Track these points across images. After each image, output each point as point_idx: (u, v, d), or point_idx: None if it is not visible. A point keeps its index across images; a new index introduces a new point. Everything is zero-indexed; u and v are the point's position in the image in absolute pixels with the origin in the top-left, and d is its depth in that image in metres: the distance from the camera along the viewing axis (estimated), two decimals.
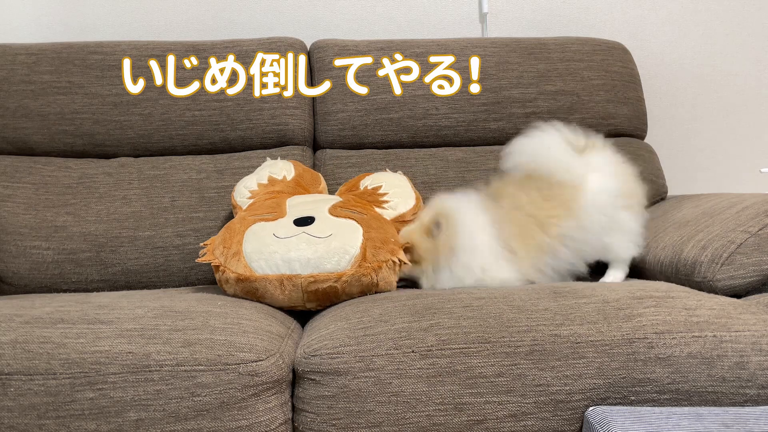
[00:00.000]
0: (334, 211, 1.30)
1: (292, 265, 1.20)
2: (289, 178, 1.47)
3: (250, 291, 1.22)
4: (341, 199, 1.38)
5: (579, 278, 1.32)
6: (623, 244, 1.32)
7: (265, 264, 1.21)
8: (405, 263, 1.25)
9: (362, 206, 1.35)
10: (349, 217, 1.28)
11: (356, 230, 1.25)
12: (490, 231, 1.25)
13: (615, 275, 1.34)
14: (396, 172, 1.54)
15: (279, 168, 1.49)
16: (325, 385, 0.97)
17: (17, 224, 1.49)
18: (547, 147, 1.32)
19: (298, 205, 1.34)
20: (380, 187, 1.43)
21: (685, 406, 0.97)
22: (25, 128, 1.60)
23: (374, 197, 1.42)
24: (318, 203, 1.34)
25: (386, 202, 1.40)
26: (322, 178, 1.55)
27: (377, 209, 1.38)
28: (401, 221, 1.38)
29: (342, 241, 1.22)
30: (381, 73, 1.66)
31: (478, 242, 1.25)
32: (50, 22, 1.84)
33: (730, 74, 2.01)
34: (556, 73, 1.70)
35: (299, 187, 1.46)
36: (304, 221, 1.27)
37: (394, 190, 1.44)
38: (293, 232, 1.24)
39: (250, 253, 1.22)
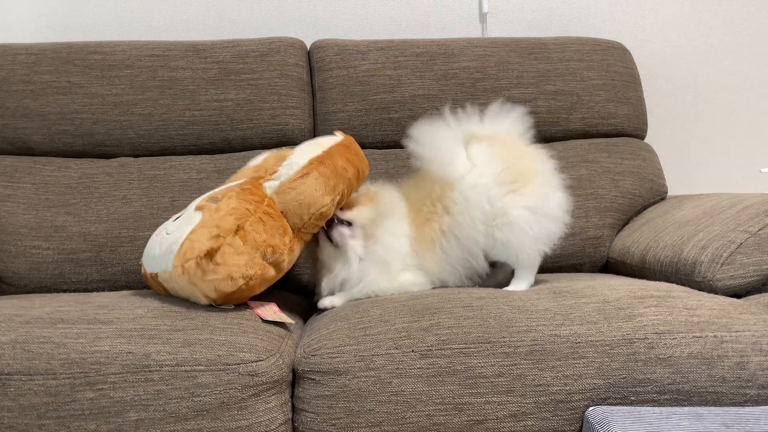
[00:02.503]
0: (200, 202, 1.22)
1: (149, 262, 1.23)
2: (252, 165, 1.37)
3: (148, 287, 1.28)
4: (229, 186, 1.26)
5: (481, 277, 1.28)
6: (518, 241, 1.21)
7: (145, 262, 1.26)
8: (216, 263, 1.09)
9: (238, 192, 1.19)
10: (201, 209, 1.19)
11: (191, 224, 1.15)
12: (407, 232, 1.25)
13: (516, 285, 1.24)
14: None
15: (258, 158, 1.40)
16: (325, 384, 0.97)
17: (17, 224, 1.49)
18: (433, 147, 1.26)
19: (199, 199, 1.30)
20: (285, 156, 1.27)
21: (686, 406, 0.97)
22: (25, 128, 1.60)
23: (276, 163, 1.26)
24: (203, 196, 1.28)
25: (275, 171, 1.23)
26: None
27: (266, 182, 1.22)
28: (283, 191, 1.20)
29: (173, 238, 1.16)
30: (381, 73, 1.66)
31: (398, 242, 1.24)
32: (50, 22, 1.84)
33: (730, 74, 2.01)
34: (556, 73, 1.70)
35: (254, 173, 1.34)
36: (179, 217, 1.24)
37: (297, 154, 1.25)
38: (162, 229, 1.26)
39: (144, 251, 1.28)
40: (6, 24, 1.83)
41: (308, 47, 1.74)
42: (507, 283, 1.27)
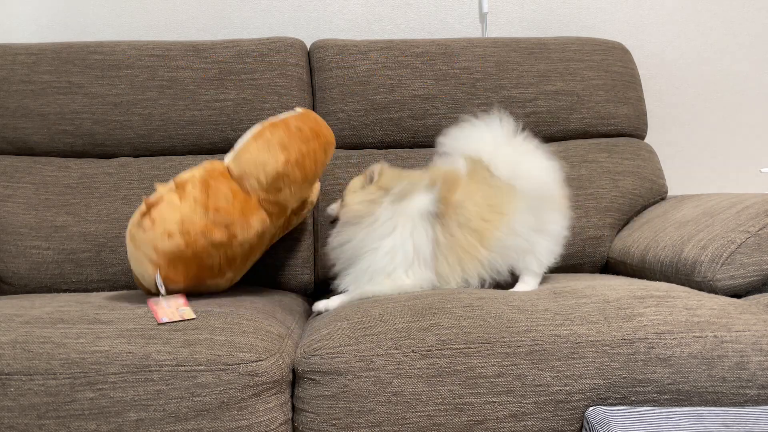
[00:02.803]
0: None
1: None
2: None
3: None
4: None
5: (499, 286, 1.25)
6: (547, 247, 1.25)
7: None
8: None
9: (193, 167, 1.21)
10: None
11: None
12: (425, 248, 1.20)
13: (524, 286, 1.25)
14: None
15: None
16: (325, 384, 0.97)
17: (17, 224, 1.49)
18: (488, 138, 1.27)
19: None
20: None
21: (686, 406, 0.97)
22: (25, 128, 1.60)
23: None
24: None
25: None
26: None
27: (225, 158, 1.24)
28: (238, 155, 1.21)
29: None
30: (381, 73, 1.66)
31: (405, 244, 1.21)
32: (50, 22, 1.84)
33: (730, 74, 2.01)
34: (556, 73, 1.70)
35: None
36: None
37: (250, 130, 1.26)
38: None
39: None
40: (6, 24, 1.83)
41: (308, 47, 1.74)
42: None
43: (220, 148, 1.65)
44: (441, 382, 0.97)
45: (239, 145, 1.21)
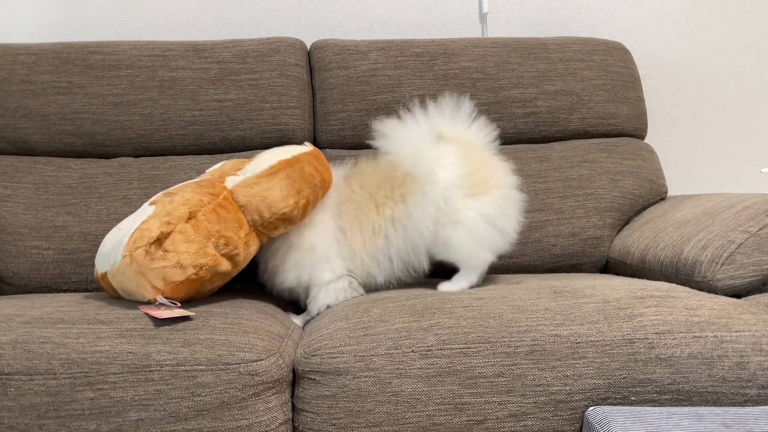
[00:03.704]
0: (155, 198, 1.18)
1: (100, 261, 1.17)
2: (209, 170, 1.36)
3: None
4: (186, 183, 1.24)
5: (418, 273, 1.27)
6: (459, 240, 1.20)
7: (97, 262, 1.20)
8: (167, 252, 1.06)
9: (194, 186, 1.17)
10: (155, 203, 1.15)
11: (143, 217, 1.11)
12: (332, 212, 1.24)
13: (451, 285, 1.22)
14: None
15: (215, 165, 1.41)
16: (325, 384, 0.97)
17: (17, 224, 1.49)
18: (405, 139, 1.25)
19: None
20: (246, 162, 1.29)
21: (686, 406, 0.97)
22: (25, 128, 1.60)
23: (235, 166, 1.27)
24: (159, 192, 1.24)
25: (240, 168, 1.24)
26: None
27: (228, 177, 1.22)
28: (248, 184, 1.18)
29: (123, 231, 1.12)
30: (381, 73, 1.66)
31: (317, 222, 1.24)
32: (50, 22, 1.84)
33: (730, 74, 2.01)
34: (556, 73, 1.70)
35: (211, 176, 1.33)
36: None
37: (265, 156, 1.25)
38: (116, 227, 1.20)
39: (97, 251, 1.23)
40: (6, 24, 1.83)
41: (308, 47, 1.74)
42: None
43: (221, 148, 1.65)
44: (441, 382, 0.97)
45: (249, 174, 1.19)
